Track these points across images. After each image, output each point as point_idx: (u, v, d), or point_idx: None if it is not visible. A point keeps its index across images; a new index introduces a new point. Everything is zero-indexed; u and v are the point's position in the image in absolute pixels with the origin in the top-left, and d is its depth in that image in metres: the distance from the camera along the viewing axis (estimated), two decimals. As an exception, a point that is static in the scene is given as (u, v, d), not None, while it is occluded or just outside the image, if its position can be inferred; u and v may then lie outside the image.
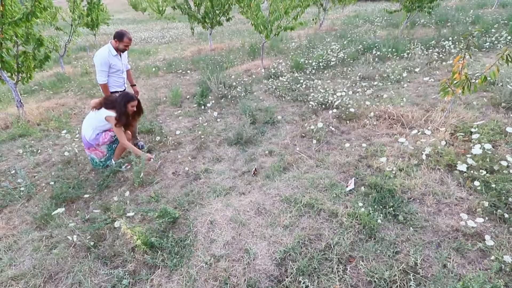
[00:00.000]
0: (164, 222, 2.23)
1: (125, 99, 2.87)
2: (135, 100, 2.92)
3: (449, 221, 2.03)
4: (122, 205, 2.49)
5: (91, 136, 2.96)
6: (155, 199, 2.58)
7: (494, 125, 3.00)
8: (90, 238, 2.22)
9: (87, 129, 2.99)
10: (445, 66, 5.09)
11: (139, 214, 2.41)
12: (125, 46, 3.09)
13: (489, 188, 2.22)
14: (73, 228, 2.31)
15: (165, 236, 2.14)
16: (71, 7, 8.40)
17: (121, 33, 3.03)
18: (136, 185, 2.80)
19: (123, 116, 2.85)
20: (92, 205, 2.63)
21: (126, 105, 2.86)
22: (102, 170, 3.11)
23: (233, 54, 8.05)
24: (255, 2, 5.77)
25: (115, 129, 2.88)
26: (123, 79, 3.34)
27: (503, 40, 5.88)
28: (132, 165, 2.88)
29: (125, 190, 2.75)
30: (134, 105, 2.93)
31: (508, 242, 1.83)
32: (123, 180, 2.96)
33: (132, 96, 2.91)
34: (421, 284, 1.64)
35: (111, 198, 2.67)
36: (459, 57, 2.88)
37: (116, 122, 2.83)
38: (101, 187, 2.85)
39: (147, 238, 2.02)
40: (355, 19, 11.91)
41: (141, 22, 23.55)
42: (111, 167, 3.03)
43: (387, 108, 3.60)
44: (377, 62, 5.82)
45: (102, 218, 2.39)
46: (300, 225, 2.16)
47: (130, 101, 2.88)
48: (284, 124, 3.81)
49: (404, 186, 2.38)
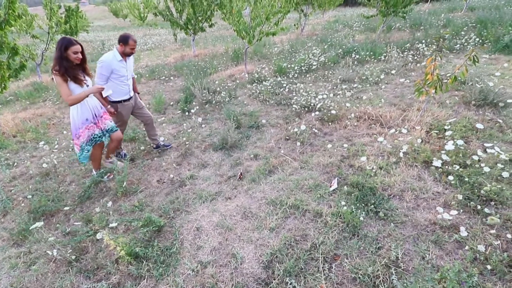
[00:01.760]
0: (148, 231, 2.19)
1: (61, 43, 2.40)
2: (75, 44, 2.45)
3: (427, 215, 2.12)
4: (104, 216, 2.43)
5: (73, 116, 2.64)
6: (139, 208, 2.54)
7: (466, 122, 3.17)
8: (71, 251, 2.15)
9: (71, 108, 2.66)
10: (419, 67, 5.33)
11: (123, 224, 2.36)
12: (131, 49, 2.93)
13: (463, 182, 2.34)
14: (53, 242, 2.23)
15: (150, 246, 2.10)
16: (48, 15, 8.17)
17: (125, 36, 2.87)
18: (119, 195, 2.74)
19: (57, 62, 2.40)
20: (73, 218, 2.55)
21: (63, 51, 2.40)
22: (83, 181, 3.01)
23: (217, 60, 8.07)
24: (236, 9, 5.84)
25: (56, 85, 2.46)
26: (128, 86, 3.12)
27: (472, 42, 6.23)
28: (115, 174, 2.82)
29: (107, 200, 2.68)
30: (77, 51, 2.46)
31: (481, 232, 1.93)
32: (106, 190, 2.89)
33: (70, 40, 2.43)
34: (403, 277, 1.70)
35: (93, 209, 2.60)
36: (431, 59, 3.04)
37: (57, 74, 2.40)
38: (82, 199, 2.77)
39: (131, 248, 1.98)
40: (335, 24, 12.26)
41: (122, 29, 23.18)
42: (92, 177, 2.94)
43: (367, 109, 3.72)
44: (356, 65, 6.02)
45: (83, 231, 2.32)
46: (286, 227, 2.19)
47: (69, 45, 2.41)
48: (269, 128, 3.86)
49: (384, 184, 2.46)
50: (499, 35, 6.08)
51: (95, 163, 3.02)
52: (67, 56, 2.43)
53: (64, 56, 2.42)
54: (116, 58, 2.90)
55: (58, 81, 2.44)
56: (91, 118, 2.73)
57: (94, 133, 2.76)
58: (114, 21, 31.17)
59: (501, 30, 6.40)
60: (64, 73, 2.43)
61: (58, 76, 2.42)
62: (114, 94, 2.99)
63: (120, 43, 2.89)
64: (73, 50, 2.44)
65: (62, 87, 2.45)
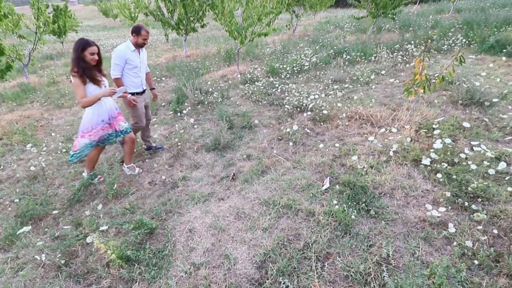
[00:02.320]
0: (140, 233, 2.17)
1: (78, 44, 2.40)
2: (92, 45, 2.45)
3: (416, 213, 2.16)
4: (94, 219, 2.39)
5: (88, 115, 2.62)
6: (130, 211, 2.51)
7: (454, 121, 3.24)
8: (60, 256, 2.11)
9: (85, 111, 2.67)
10: (408, 68, 5.43)
11: (114, 227, 2.32)
12: (144, 40, 2.97)
13: (451, 179, 2.39)
14: (42, 247, 2.18)
15: (142, 248, 2.08)
16: (35, 14, 7.99)
17: (137, 27, 2.94)
18: (109, 197, 2.70)
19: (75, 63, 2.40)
20: (62, 221, 2.50)
21: (80, 52, 2.41)
22: (72, 184, 2.95)
23: (209, 60, 8.05)
24: (228, 9, 5.83)
25: (74, 84, 2.44)
26: (141, 79, 3.11)
27: (459, 43, 6.38)
28: (105, 177, 2.78)
29: (97, 203, 2.64)
30: (94, 52, 2.46)
31: (469, 228, 1.98)
32: (96, 193, 2.84)
33: (87, 41, 2.43)
34: (393, 274, 1.73)
35: (83, 212, 2.56)
36: (419, 60, 3.11)
37: (74, 75, 2.39)
38: (71, 202, 2.72)
39: (122, 251, 1.95)
40: (326, 25, 12.38)
41: (112, 29, 22.88)
42: (82, 180, 2.89)
43: (358, 109, 3.77)
44: (348, 65, 6.09)
45: (73, 234, 2.28)
46: (279, 227, 2.20)
47: (86, 47, 2.41)
48: (261, 128, 3.86)
49: (375, 182, 2.50)
50: (484, 36, 6.25)
51: (90, 164, 2.96)
52: (84, 57, 2.44)
53: (81, 57, 2.43)
54: (130, 49, 2.96)
55: (76, 82, 2.43)
56: (106, 119, 2.74)
57: (108, 133, 2.77)
58: (104, 21, 30.71)
59: (487, 31, 6.58)
60: (83, 74, 2.43)
61: (77, 77, 2.42)
62: (126, 87, 3.00)
63: (133, 34, 2.96)
64: (89, 51, 2.44)
65: (79, 89, 2.45)
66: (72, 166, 3.35)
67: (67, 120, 5.03)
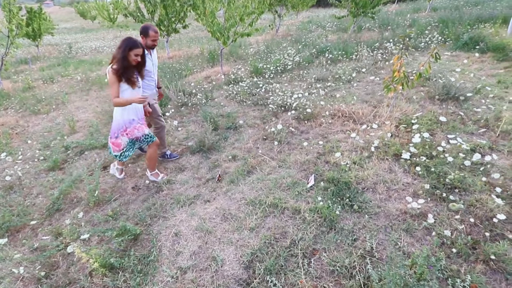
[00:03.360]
0: (124, 240, 2.11)
1: (126, 43, 2.40)
2: (139, 47, 2.45)
3: (398, 205, 2.22)
4: (75, 228, 2.31)
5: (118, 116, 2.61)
6: (113, 217, 2.44)
7: (431, 116, 3.36)
8: (40, 268, 2.03)
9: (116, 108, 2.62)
10: (388, 65, 5.59)
11: (96, 236, 2.25)
12: (153, 41, 2.81)
13: (429, 172, 2.48)
14: (20, 259, 2.09)
15: (126, 255, 2.03)
16: (7, 17, 7.63)
17: (145, 27, 2.76)
18: (91, 205, 2.62)
19: (120, 63, 2.39)
20: (41, 232, 2.40)
21: (127, 51, 2.40)
22: (51, 192, 2.84)
23: (192, 61, 7.96)
24: (209, 10, 5.79)
25: (109, 82, 2.45)
26: (155, 81, 3.01)
27: (435, 40, 6.63)
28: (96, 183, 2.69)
29: (78, 211, 2.55)
30: (138, 54, 2.46)
31: (447, 218, 2.06)
32: (76, 201, 2.75)
33: (134, 41, 2.43)
34: (377, 266, 1.78)
35: (63, 221, 2.47)
36: (398, 57, 3.20)
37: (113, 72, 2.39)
38: (50, 211, 2.61)
39: (105, 259, 1.90)
40: (308, 24, 12.53)
41: (90, 31, 22.22)
42: (60, 188, 2.77)
43: (340, 107, 3.84)
44: (330, 64, 6.19)
45: (53, 245, 2.20)
46: (265, 226, 2.20)
47: (133, 47, 2.41)
48: (246, 128, 3.86)
49: (358, 178, 2.55)
50: (459, 33, 6.52)
51: (151, 163, 2.90)
52: (128, 56, 2.44)
53: (125, 56, 2.42)
54: None
55: (112, 79, 2.42)
56: (137, 119, 2.69)
57: (145, 133, 2.71)
58: (81, 23, 29.74)
59: (461, 29, 6.87)
60: (122, 73, 2.42)
61: (115, 75, 2.41)
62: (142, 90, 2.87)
63: (141, 36, 2.79)
64: (135, 52, 2.44)
65: (114, 86, 2.45)
66: (51, 174, 3.23)
67: (44, 126, 4.83)
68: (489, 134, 2.99)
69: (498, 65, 4.91)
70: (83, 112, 5.33)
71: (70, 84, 7.31)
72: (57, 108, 5.67)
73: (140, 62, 2.54)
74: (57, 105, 5.81)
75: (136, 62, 2.50)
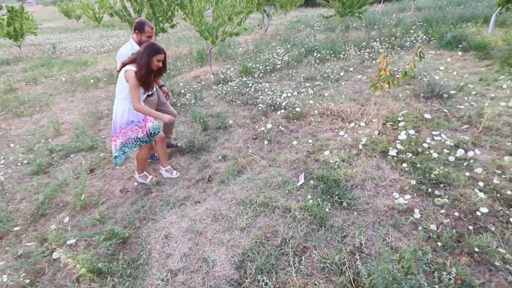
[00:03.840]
0: (112, 244, 2.07)
1: (150, 49, 2.39)
2: (162, 53, 2.43)
3: (386, 201, 2.26)
4: (61, 233, 2.25)
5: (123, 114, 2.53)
6: (101, 221, 2.39)
7: (417, 113, 3.44)
8: (25, 275, 1.97)
9: (117, 103, 2.55)
10: (375, 64, 5.68)
11: (83, 240, 2.20)
12: (149, 37, 2.76)
13: (415, 168, 2.54)
14: (3, 267, 2.02)
15: (115, 259, 1.99)
16: (-15, 16, 7.35)
17: (140, 23, 2.70)
18: (77, 209, 2.55)
19: (144, 68, 2.36)
20: (25, 238, 2.33)
21: (151, 57, 2.38)
22: (35, 197, 2.75)
23: (181, 61, 7.88)
24: (197, 9, 5.74)
25: (130, 86, 2.39)
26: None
27: (420, 39, 6.79)
28: (72, 187, 2.62)
29: (64, 216, 2.49)
30: (160, 60, 2.43)
31: (433, 213, 2.11)
32: (62, 206, 2.67)
33: (158, 48, 2.41)
34: (366, 262, 1.80)
35: (48, 227, 2.40)
36: (384, 56, 3.26)
37: (135, 77, 2.35)
38: (35, 217, 2.54)
39: (93, 264, 1.86)
40: (297, 24, 12.60)
41: (75, 30, 21.68)
42: (45, 192, 2.69)
43: (329, 105, 3.88)
44: (318, 63, 6.24)
45: (38, 251, 2.13)
46: (256, 225, 2.20)
47: (156, 53, 2.38)
48: (236, 128, 3.85)
49: (347, 175, 2.59)
50: (442, 32, 6.69)
51: (140, 165, 2.85)
52: (151, 62, 2.41)
53: (147, 63, 2.39)
54: (134, 48, 2.74)
55: (134, 84, 2.37)
56: (136, 121, 2.61)
57: (137, 137, 2.65)
58: (66, 22, 28.95)
59: (444, 28, 7.06)
60: (144, 79, 2.40)
61: (136, 79, 2.37)
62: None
63: (136, 31, 2.73)
64: (158, 58, 2.42)
65: (136, 91, 2.40)
66: (35, 178, 3.13)
67: (27, 129, 4.68)
68: (472, 130, 3.09)
69: (479, 63, 5.07)
70: (68, 114, 5.19)
71: (54, 85, 7.11)
72: (41, 110, 5.50)
73: (161, 67, 2.50)
74: (41, 107, 5.64)
75: (157, 67, 2.47)
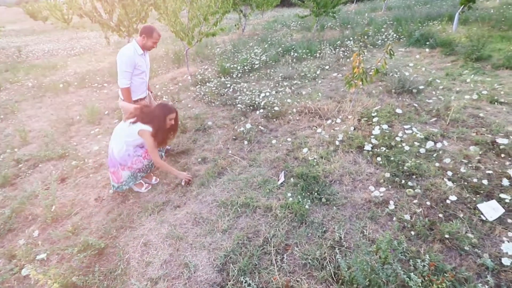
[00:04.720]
0: (86, 256, 1.98)
1: (164, 111, 2.48)
2: (173, 112, 2.55)
3: (363, 195, 2.33)
4: (31, 248, 2.11)
5: (120, 152, 2.50)
6: (74, 233, 2.27)
7: (389, 108, 3.58)
8: (-10, 296, 1.82)
9: (118, 142, 2.52)
10: (350, 62, 5.85)
11: (55, 254, 2.08)
12: (154, 43, 2.73)
13: (389, 161, 2.64)
14: (-36, 289, 1.86)
15: (90, 272, 1.90)
16: None
17: (150, 28, 2.68)
18: (48, 222, 2.41)
19: (160, 131, 2.45)
20: (-9, 256, 2.16)
21: (165, 119, 2.48)
22: (1, 211, 2.57)
23: (157, 63, 7.69)
24: (171, 9, 5.62)
25: (148, 146, 2.48)
26: (146, 84, 2.90)
27: (391, 38, 7.07)
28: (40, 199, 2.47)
29: (34, 229, 2.34)
30: (172, 118, 2.55)
31: (407, 203, 2.20)
32: (31, 219, 2.51)
33: (171, 108, 2.54)
34: (346, 255, 1.85)
35: (16, 242, 2.24)
36: (356, 54, 3.35)
37: (152, 138, 2.43)
38: (1, 232, 2.36)
39: (66, 279, 1.76)
40: (274, 24, 12.69)
41: (42, 32, 20.52)
42: (12, 205, 2.52)
43: (307, 104, 3.94)
44: (295, 62, 6.33)
45: (6, 269, 1.99)
46: (238, 226, 2.19)
47: (169, 114, 2.51)
48: (216, 129, 3.81)
49: (325, 171, 2.64)
50: (411, 31, 7.02)
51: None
52: (164, 122, 2.51)
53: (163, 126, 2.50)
54: (137, 52, 2.68)
55: (151, 144, 2.47)
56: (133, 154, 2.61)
57: (144, 165, 2.64)
58: (32, 24, 27.28)
59: (413, 27, 7.41)
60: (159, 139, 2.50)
61: (154, 140, 2.46)
62: (133, 93, 2.78)
63: (142, 35, 2.67)
64: (170, 117, 2.53)
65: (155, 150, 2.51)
66: (1, 191, 2.92)
67: (-10, 139, 4.35)
68: (440, 122, 3.26)
69: (446, 59, 5.37)
70: (36, 121, 4.90)
71: (20, 91, 6.67)
72: (5, 118, 5.14)
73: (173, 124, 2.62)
74: (6, 115, 5.28)
75: (169, 125, 2.58)
